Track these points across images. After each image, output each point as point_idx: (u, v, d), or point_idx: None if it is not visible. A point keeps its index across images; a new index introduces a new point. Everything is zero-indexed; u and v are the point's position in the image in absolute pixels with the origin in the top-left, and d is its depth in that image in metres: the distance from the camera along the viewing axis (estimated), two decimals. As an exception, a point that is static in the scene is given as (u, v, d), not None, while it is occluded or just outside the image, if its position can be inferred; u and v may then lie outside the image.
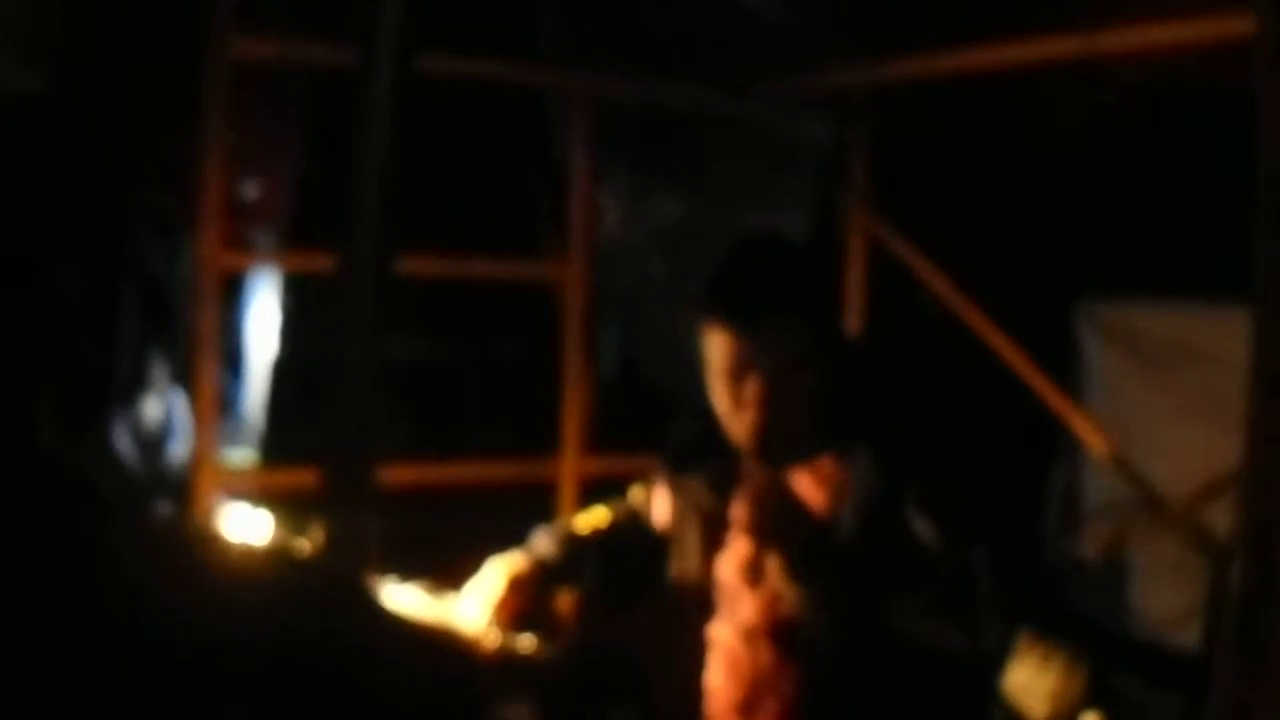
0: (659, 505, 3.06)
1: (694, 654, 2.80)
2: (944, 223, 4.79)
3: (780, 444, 2.69)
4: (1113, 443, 4.44)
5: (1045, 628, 4.33)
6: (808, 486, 2.75)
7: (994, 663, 2.66)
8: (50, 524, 1.38)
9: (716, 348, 2.68)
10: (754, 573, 2.69)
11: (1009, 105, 4.77)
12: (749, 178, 5.17)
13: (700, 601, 2.82)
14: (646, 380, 5.09)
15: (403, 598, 3.00)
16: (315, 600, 1.49)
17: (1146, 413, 4.79)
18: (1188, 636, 4.21)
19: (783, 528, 2.61)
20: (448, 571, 3.21)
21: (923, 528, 2.59)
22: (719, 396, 2.72)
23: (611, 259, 4.92)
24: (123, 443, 9.65)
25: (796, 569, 2.62)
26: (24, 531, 1.35)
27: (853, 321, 4.78)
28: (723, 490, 2.83)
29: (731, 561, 2.70)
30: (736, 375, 2.66)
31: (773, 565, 2.63)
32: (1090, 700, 4.25)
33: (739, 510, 2.74)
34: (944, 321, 4.59)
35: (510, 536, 3.23)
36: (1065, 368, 4.94)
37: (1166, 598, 4.43)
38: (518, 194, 5.19)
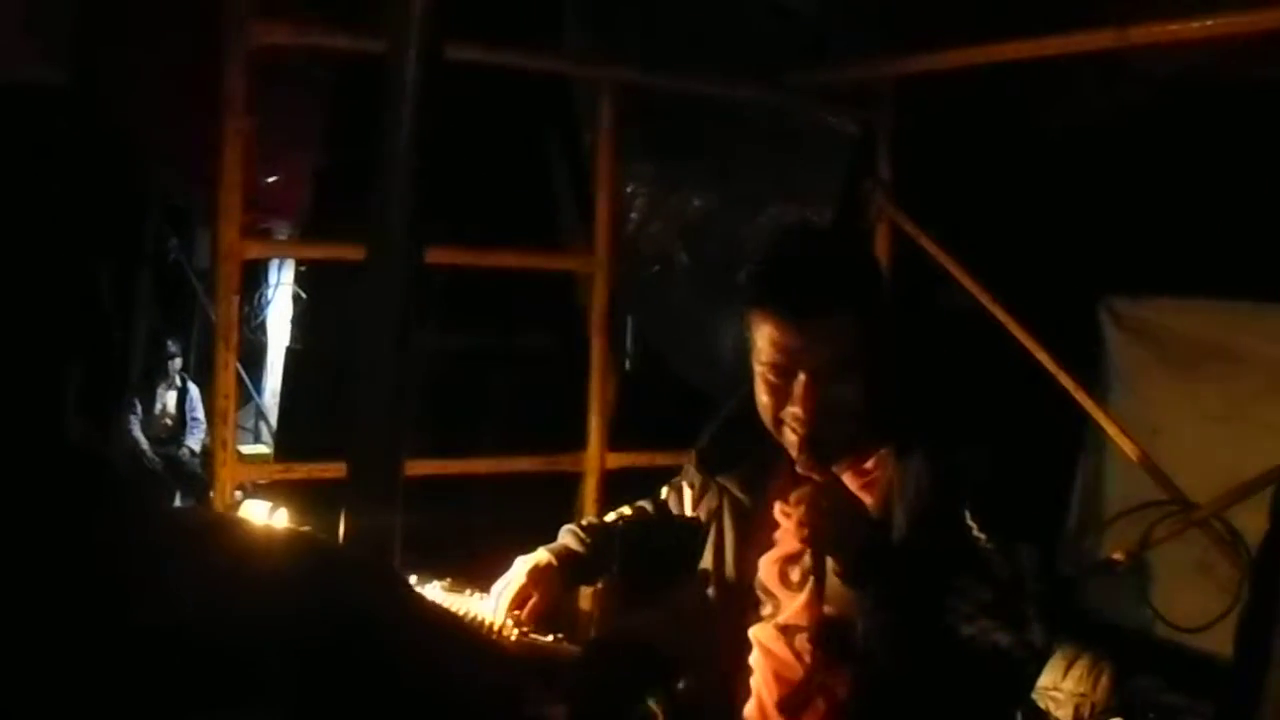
0: (688, 502, 3.04)
1: (731, 652, 2.77)
2: (969, 216, 4.76)
3: (826, 440, 2.63)
4: (1137, 441, 4.40)
5: (1071, 629, 4.33)
6: (855, 488, 2.72)
7: (1040, 661, 2.63)
8: (78, 510, 1.35)
9: (765, 339, 2.61)
10: (799, 573, 2.65)
11: (1036, 98, 4.74)
12: (775, 170, 5.14)
13: (740, 601, 2.79)
14: (671, 372, 5.06)
15: (427, 594, 2.98)
16: (347, 587, 1.46)
17: (1171, 410, 4.76)
18: (1213, 640, 4.18)
19: (840, 532, 2.52)
20: (471, 568, 3.20)
21: (975, 527, 2.54)
22: (762, 389, 2.66)
23: (637, 251, 4.89)
24: (136, 434, 9.68)
25: (853, 572, 2.54)
26: (53, 518, 1.33)
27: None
28: (758, 489, 2.81)
29: (774, 562, 2.65)
30: (784, 369, 2.60)
31: (828, 568, 2.55)
32: (1116, 704, 4.24)
33: (784, 511, 2.69)
34: (968, 315, 4.56)
35: (535, 530, 3.21)
36: (1089, 364, 4.91)
37: (1191, 600, 4.40)
38: (544, 185, 5.17)
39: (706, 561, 2.89)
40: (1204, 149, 4.55)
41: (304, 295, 8.53)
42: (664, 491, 3.17)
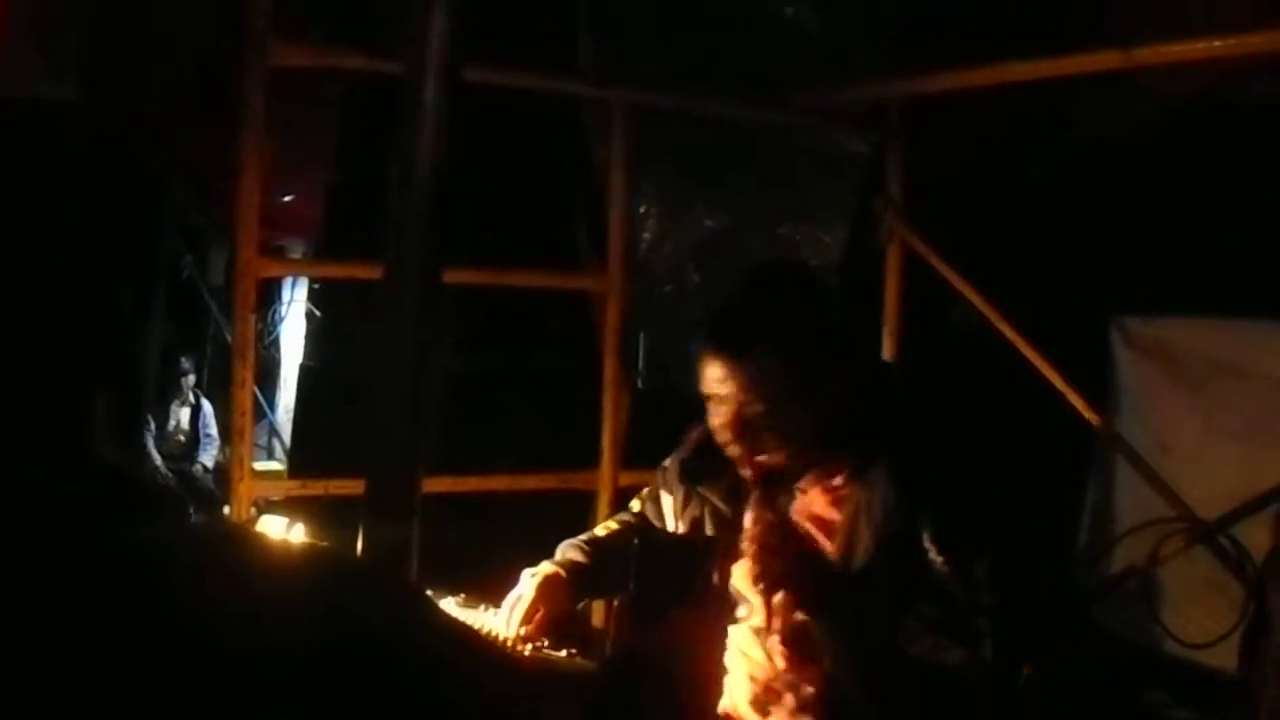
0: (669, 512, 3.17)
1: (711, 653, 2.85)
2: (980, 235, 4.79)
3: (768, 465, 2.81)
4: (1146, 458, 4.42)
5: (1069, 644, 4.34)
6: (823, 505, 2.86)
7: (995, 675, 2.68)
8: (106, 523, 1.38)
9: (704, 371, 2.80)
10: (763, 585, 2.73)
11: (1046, 118, 4.76)
12: (787, 190, 5.18)
13: (719, 605, 2.87)
14: (683, 391, 5.09)
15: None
16: (367, 599, 1.50)
17: (1180, 428, 4.76)
18: (1222, 656, 4.19)
19: (787, 570, 2.66)
20: (483, 583, 3.23)
21: (935, 547, 2.66)
22: (710, 418, 2.84)
23: (650, 270, 4.92)
24: (150, 450, 9.71)
25: (807, 604, 2.67)
26: (81, 530, 1.36)
27: (889, 334, 4.78)
28: (737, 499, 2.93)
29: (743, 570, 2.73)
30: (718, 398, 2.79)
31: (784, 600, 2.66)
32: None
33: (749, 525, 2.79)
34: (978, 334, 4.58)
35: (547, 547, 3.26)
36: (1099, 382, 4.92)
37: (1200, 617, 4.40)
38: (558, 205, 5.20)
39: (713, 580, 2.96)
40: (1213, 167, 4.57)
41: (317, 312, 8.56)
42: (636, 504, 3.35)
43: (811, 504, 2.88)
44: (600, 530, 3.37)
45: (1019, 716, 2.85)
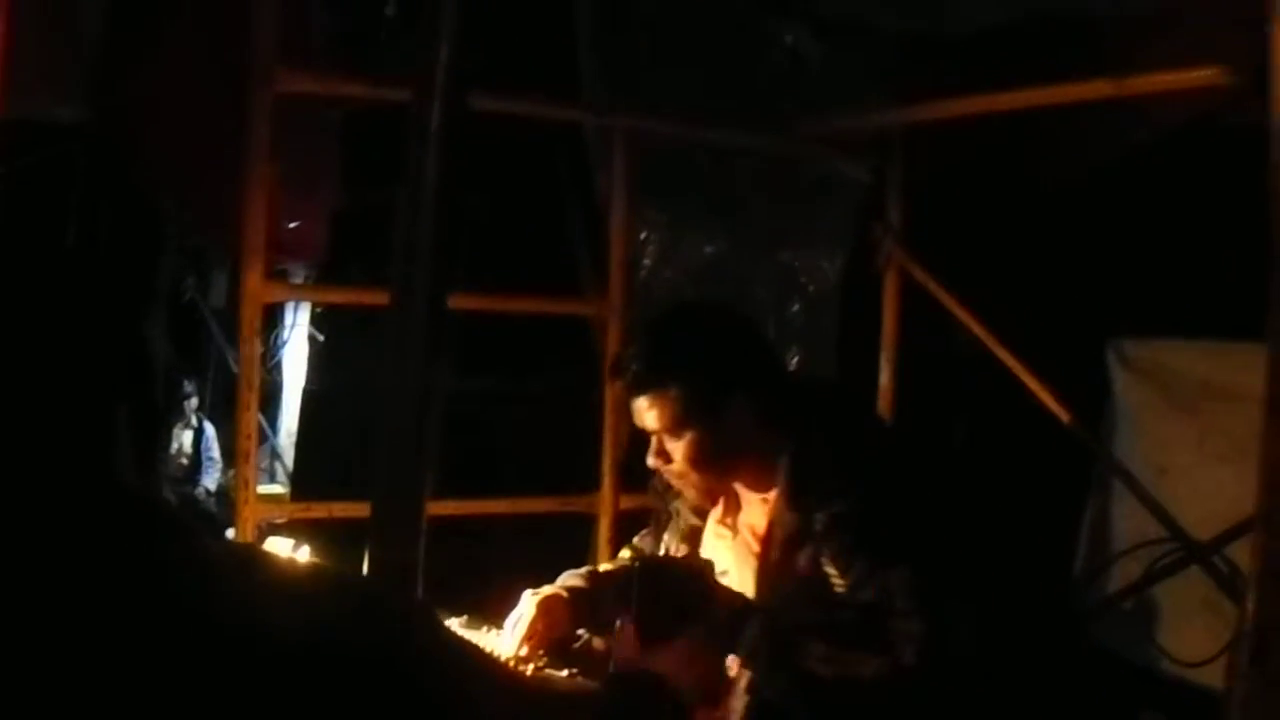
0: (663, 534, 3.35)
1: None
2: (978, 261, 4.82)
3: (688, 489, 3.10)
4: (1142, 480, 4.46)
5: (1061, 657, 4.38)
6: (757, 515, 3.08)
7: (918, 680, 2.74)
8: (130, 545, 1.41)
9: (632, 412, 3.07)
10: (729, 584, 2.94)
11: (1042, 145, 4.79)
12: (786, 216, 5.21)
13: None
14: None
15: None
16: (378, 617, 1.53)
17: (1177, 450, 4.78)
18: (1218, 675, 4.20)
19: (665, 615, 2.80)
20: (486, 605, 3.27)
21: (829, 556, 2.83)
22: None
23: (650, 295, 4.95)
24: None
25: (710, 644, 2.84)
26: (108, 553, 1.39)
27: (887, 360, 4.82)
28: (705, 511, 3.20)
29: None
30: (642, 430, 3.05)
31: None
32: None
33: (718, 529, 3.11)
34: (978, 359, 4.61)
35: (548, 569, 3.31)
36: (1097, 405, 4.95)
37: (1195, 636, 4.42)
38: (558, 229, 5.24)
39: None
40: (1211, 191, 4.60)
41: (320, 336, 8.58)
42: (636, 541, 3.51)
43: (750, 514, 3.10)
44: (603, 566, 3.49)
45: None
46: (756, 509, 3.07)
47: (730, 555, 3.11)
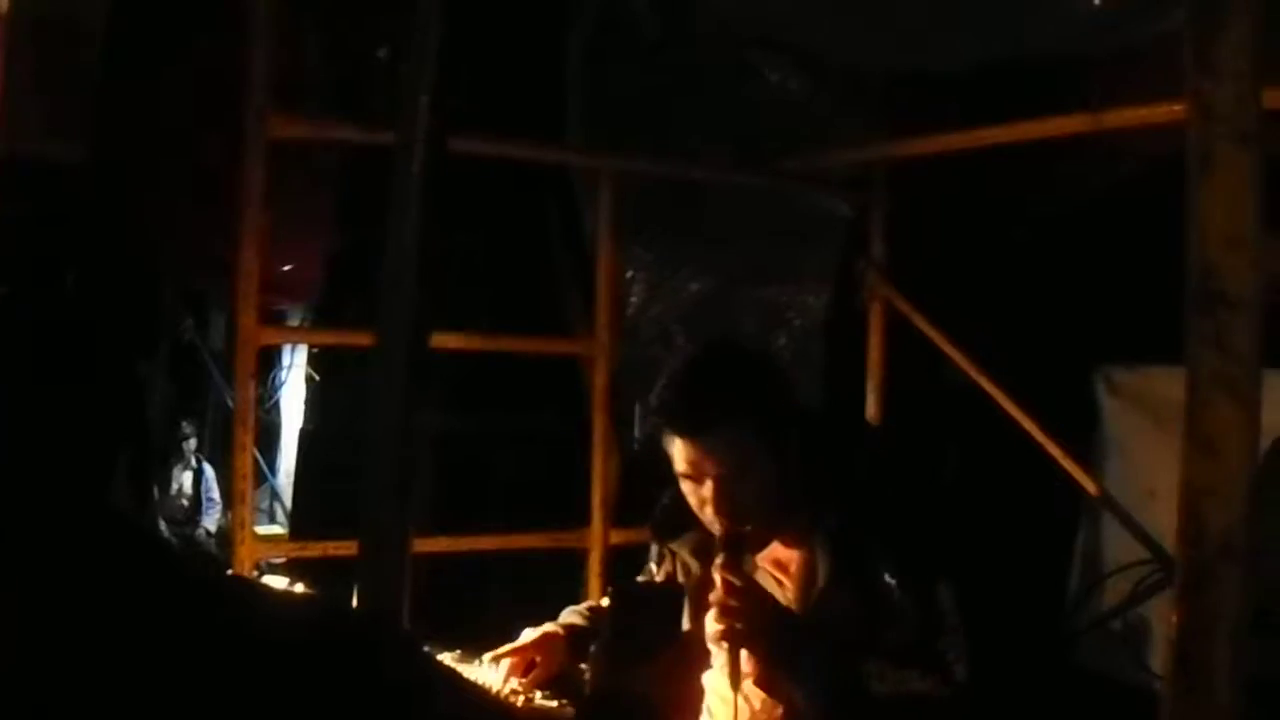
0: (658, 571, 3.32)
1: (690, 699, 2.95)
2: (963, 294, 4.86)
3: (742, 537, 2.87)
4: (1131, 505, 4.50)
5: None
6: (782, 548, 3.02)
7: (968, 697, 2.76)
8: (132, 582, 1.46)
9: (675, 452, 2.91)
10: (726, 644, 2.79)
11: (1026, 177, 4.84)
12: (771, 252, 5.26)
13: (695, 654, 2.94)
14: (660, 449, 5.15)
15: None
16: (370, 649, 1.57)
17: (1165, 474, 4.78)
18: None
19: (750, 630, 2.72)
20: (479, 641, 3.32)
21: (888, 577, 2.78)
22: (686, 491, 2.95)
23: (637, 332, 5.00)
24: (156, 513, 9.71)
25: (769, 659, 2.77)
26: (110, 589, 1.43)
27: (873, 392, 4.86)
28: (706, 555, 2.99)
29: (712, 622, 2.81)
30: (695, 477, 2.89)
31: (747, 656, 2.76)
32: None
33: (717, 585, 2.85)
34: (965, 391, 4.65)
35: (542, 608, 3.35)
36: (1086, 432, 4.99)
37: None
38: (547, 268, 5.27)
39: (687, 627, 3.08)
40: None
41: (316, 377, 8.61)
42: (641, 579, 3.46)
43: (773, 548, 3.03)
44: (604, 601, 3.49)
45: None
46: (779, 548, 3.03)
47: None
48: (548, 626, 3.30)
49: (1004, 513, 4.82)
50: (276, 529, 10.33)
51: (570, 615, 3.38)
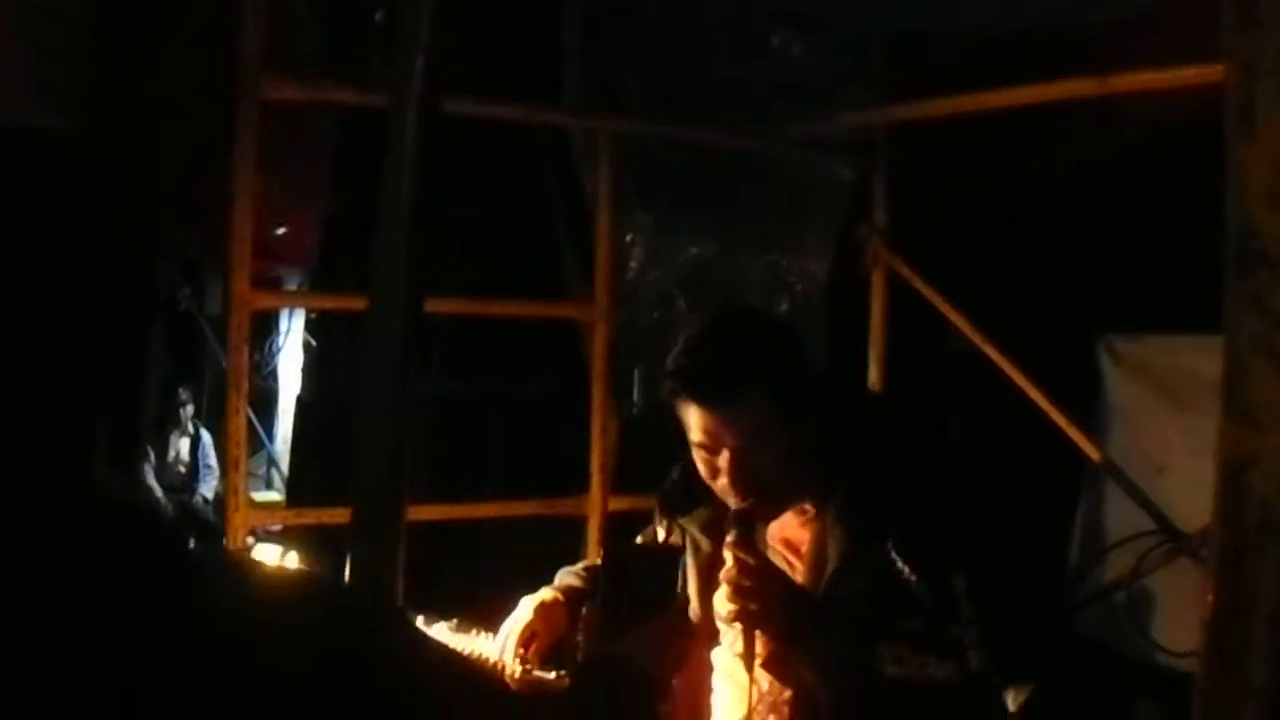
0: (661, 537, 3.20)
1: (698, 677, 2.91)
2: (966, 260, 4.83)
3: (759, 502, 2.80)
4: (1134, 474, 4.47)
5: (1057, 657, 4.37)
6: (794, 527, 2.92)
7: (982, 686, 2.72)
8: (106, 552, 1.41)
9: (689, 421, 2.80)
10: (738, 623, 2.74)
11: (1030, 143, 4.80)
12: (773, 217, 5.22)
13: (704, 632, 2.92)
14: (670, 418, 5.12)
15: (435, 634, 3.06)
16: (355, 628, 1.53)
17: (1168, 444, 4.79)
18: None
19: (764, 609, 2.66)
20: (477, 608, 3.28)
21: (904, 569, 2.69)
22: (698, 462, 2.85)
23: (637, 297, 4.96)
24: (151, 481, 9.72)
25: (782, 638, 2.71)
26: (82, 559, 1.39)
27: (875, 359, 4.82)
28: (715, 531, 2.92)
29: (723, 601, 2.75)
30: (711, 447, 2.79)
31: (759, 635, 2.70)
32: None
33: (727, 563, 2.77)
34: (968, 357, 4.62)
35: (540, 572, 3.31)
36: (1088, 400, 4.96)
37: (1188, 628, 4.43)
38: (545, 233, 5.24)
39: (682, 590, 3.05)
40: (1198, 188, 4.60)
41: (314, 342, 8.59)
42: (640, 540, 3.33)
43: (784, 527, 2.93)
44: (600, 562, 3.44)
45: None
46: (790, 520, 2.94)
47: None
48: (544, 593, 3.23)
49: (1005, 481, 4.79)
50: (274, 495, 10.36)
51: (567, 577, 3.30)
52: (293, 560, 3.19)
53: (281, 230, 5.71)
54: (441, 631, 3.13)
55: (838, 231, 5.14)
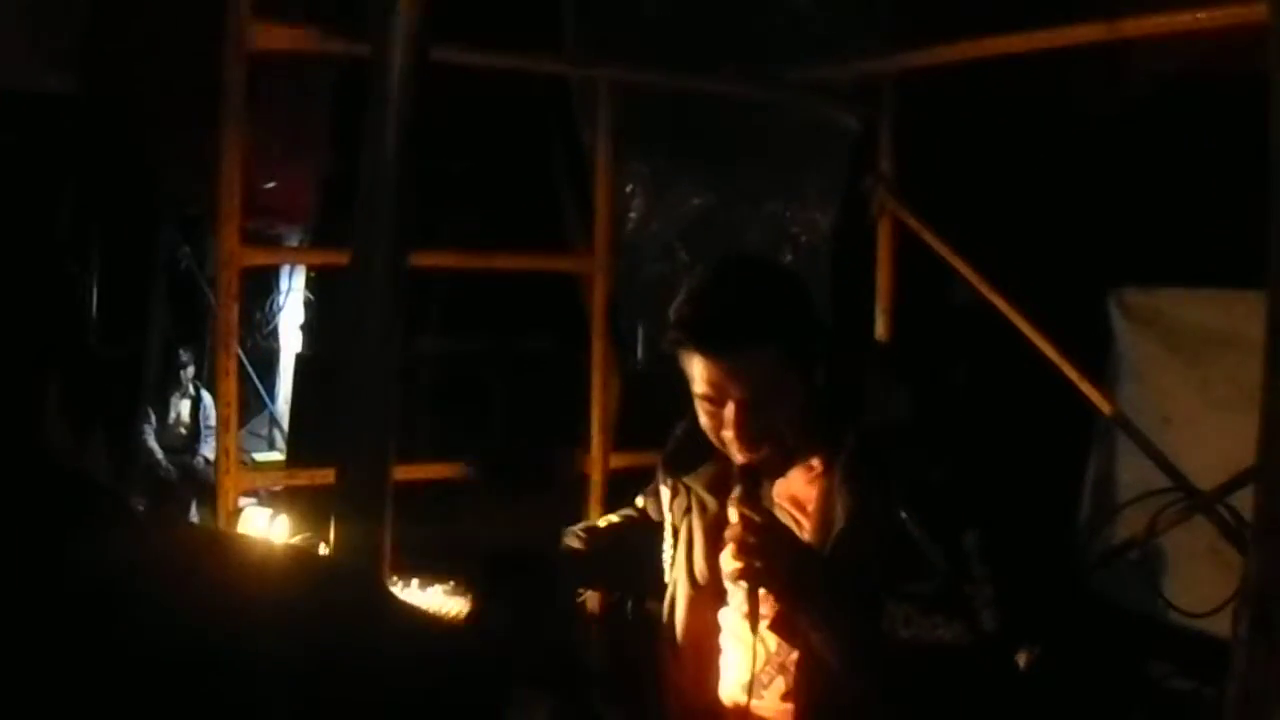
0: (665, 504, 3.13)
1: (706, 638, 2.93)
2: (974, 210, 4.77)
3: (766, 457, 2.76)
4: (1145, 429, 4.40)
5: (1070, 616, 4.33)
6: (800, 485, 2.88)
7: (995, 646, 2.67)
8: (45, 527, 1.33)
9: (695, 372, 2.74)
10: (744, 582, 2.70)
11: (1039, 92, 4.74)
12: (776, 167, 5.16)
13: (710, 593, 2.91)
14: (674, 372, 5.08)
15: (424, 598, 3.01)
16: (337, 609, 1.46)
17: (1180, 399, 4.75)
18: (1223, 624, 4.17)
19: (769, 567, 2.63)
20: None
21: (911, 521, 2.64)
22: (702, 414, 2.79)
23: (637, 249, 4.90)
24: (152, 443, 9.70)
25: (788, 598, 2.68)
26: (16, 536, 1.31)
27: (882, 311, 4.76)
28: (721, 490, 2.89)
29: (729, 560, 2.69)
30: (716, 399, 2.73)
31: (766, 595, 2.68)
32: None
33: (731, 522, 2.74)
34: (976, 309, 4.55)
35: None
36: (1099, 354, 4.91)
37: (1201, 585, 4.39)
38: (544, 185, 5.18)
39: (675, 556, 3.04)
40: (1210, 140, 4.54)
41: (312, 299, 8.55)
42: (640, 500, 3.30)
43: (790, 485, 2.88)
44: (600, 522, 3.38)
45: (1022, 687, 2.85)
46: (796, 478, 2.89)
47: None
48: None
49: (1014, 436, 4.74)
50: (275, 455, 10.34)
51: (569, 539, 3.27)
52: (282, 523, 3.12)
53: (271, 185, 5.66)
54: (437, 594, 3.08)
55: (843, 181, 5.07)
